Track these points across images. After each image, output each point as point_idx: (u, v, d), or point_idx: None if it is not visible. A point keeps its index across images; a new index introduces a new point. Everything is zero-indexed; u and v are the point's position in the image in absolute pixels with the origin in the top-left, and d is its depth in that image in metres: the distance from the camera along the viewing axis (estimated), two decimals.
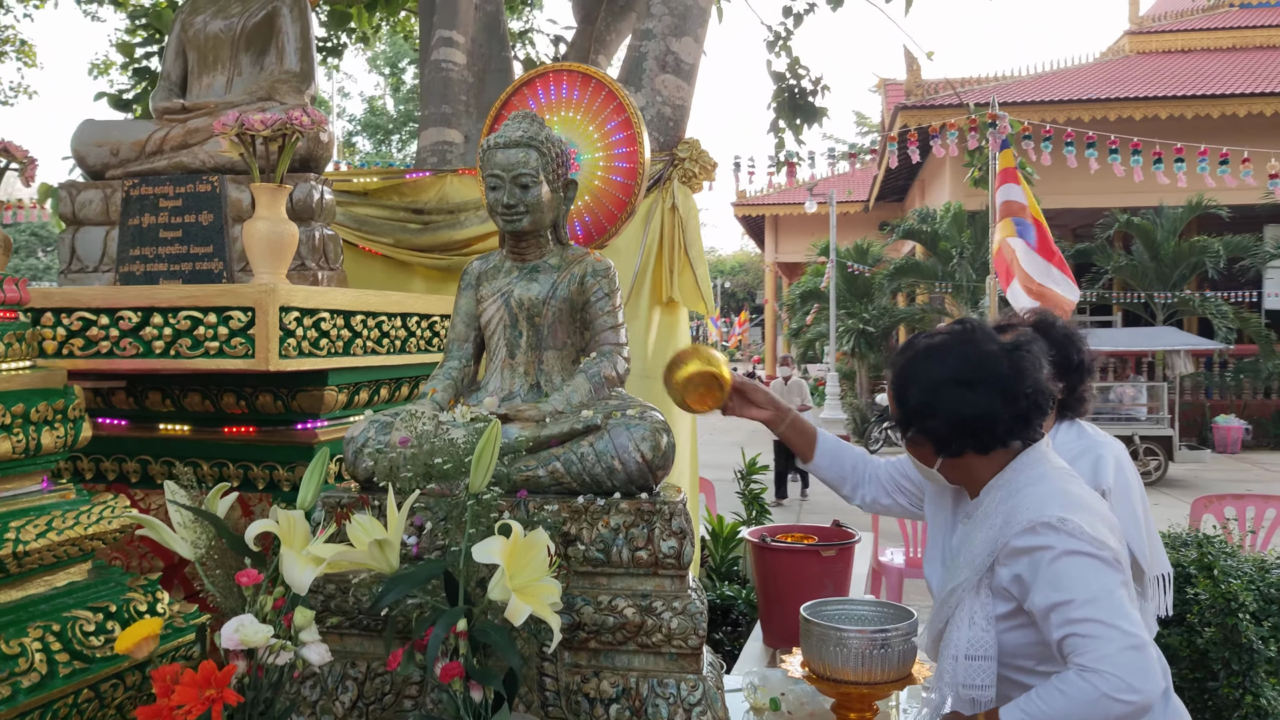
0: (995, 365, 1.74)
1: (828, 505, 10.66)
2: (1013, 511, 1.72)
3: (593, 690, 1.99)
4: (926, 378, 1.78)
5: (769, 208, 26.57)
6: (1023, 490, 1.74)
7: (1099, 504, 1.77)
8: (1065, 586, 1.62)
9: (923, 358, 1.81)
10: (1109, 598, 1.60)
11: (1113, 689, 1.53)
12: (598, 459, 2.04)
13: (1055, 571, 1.64)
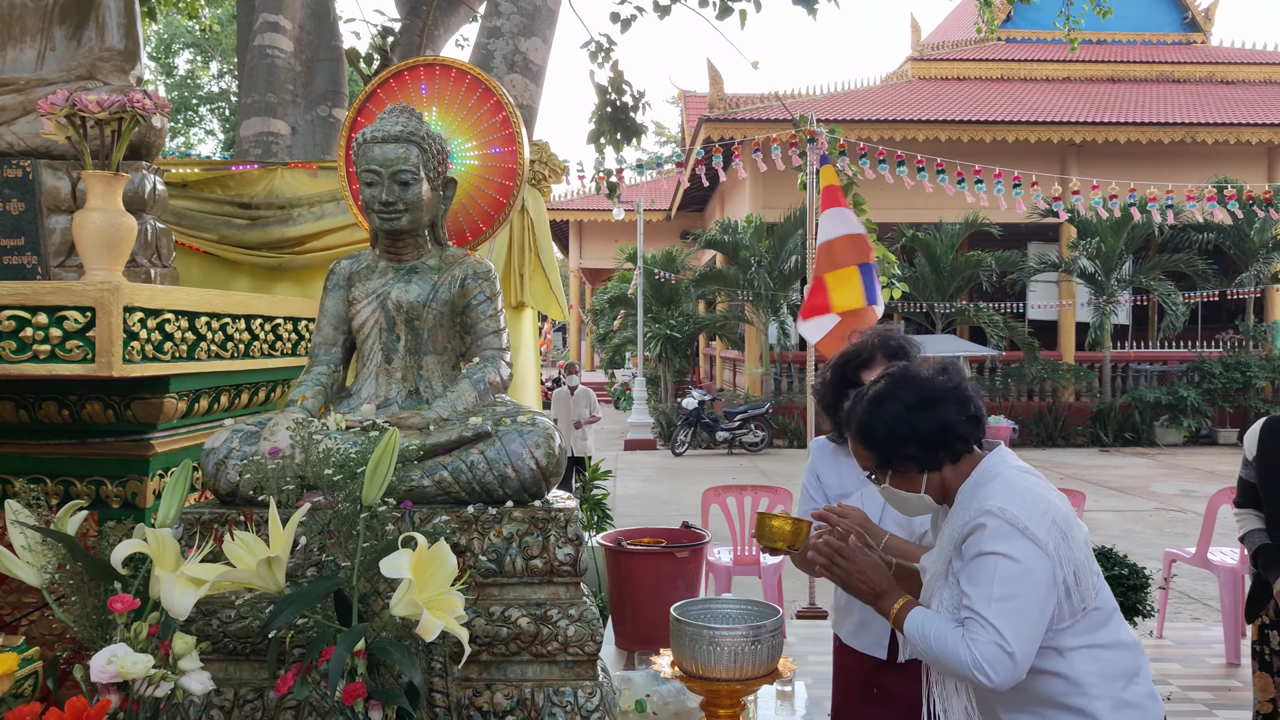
0: (938, 383, 1.93)
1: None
2: (970, 505, 1.88)
3: (485, 703, 1.94)
4: (888, 416, 1.92)
5: (575, 213, 26.72)
6: (983, 488, 1.89)
7: (1051, 498, 1.91)
8: (979, 582, 1.81)
9: (874, 404, 1.95)
10: (1007, 604, 1.78)
11: (973, 664, 1.78)
12: (489, 467, 1.99)
13: (978, 565, 1.81)
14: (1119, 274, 17.16)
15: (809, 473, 2.75)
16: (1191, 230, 17.41)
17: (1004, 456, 1.98)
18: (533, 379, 3.87)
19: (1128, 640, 1.96)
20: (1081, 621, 1.91)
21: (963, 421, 1.92)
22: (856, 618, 2.59)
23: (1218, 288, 17.32)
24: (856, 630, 2.60)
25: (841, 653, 2.70)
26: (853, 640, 2.62)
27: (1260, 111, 18.65)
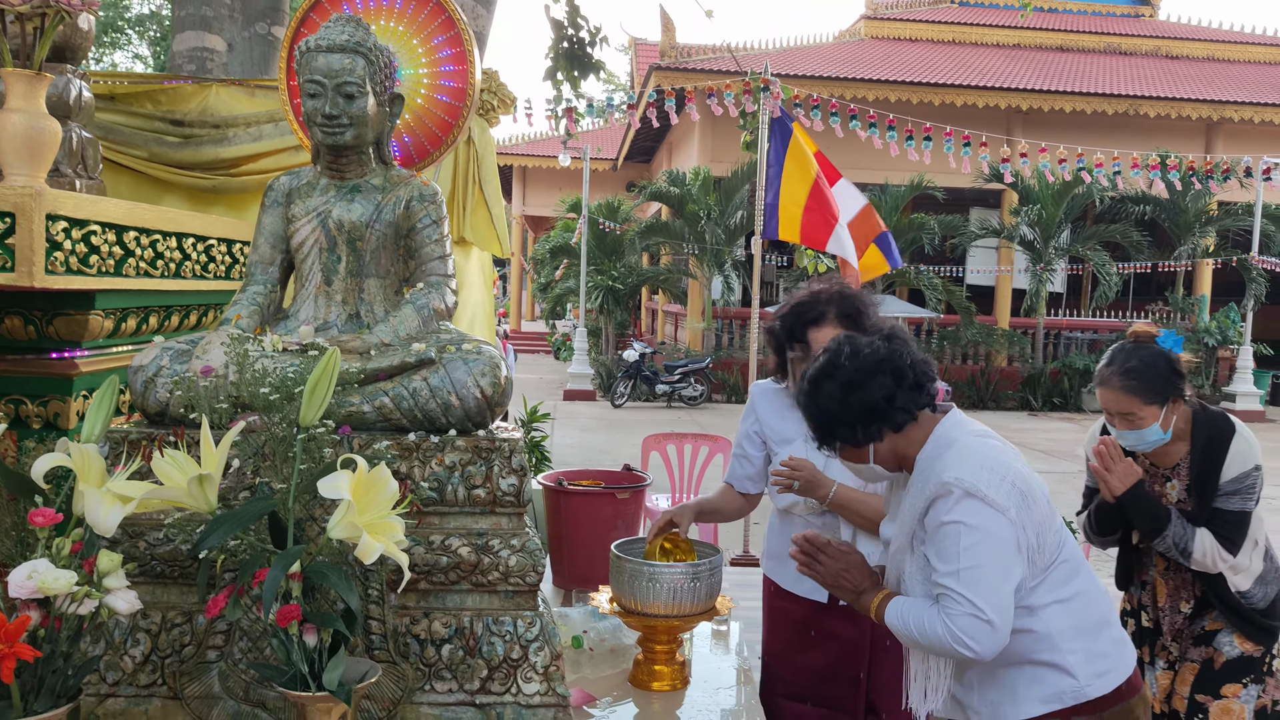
0: (873, 355, 1.94)
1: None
2: (930, 476, 1.90)
3: (423, 631, 1.91)
4: (823, 399, 1.94)
5: (518, 158, 26.31)
6: (941, 457, 1.91)
7: (1009, 460, 1.92)
8: (944, 555, 1.84)
9: (812, 386, 1.97)
10: (975, 571, 1.82)
11: (953, 639, 1.82)
12: (432, 394, 1.93)
13: (941, 536, 1.84)
14: (1057, 242, 17.46)
15: (748, 417, 2.74)
16: (1129, 202, 17.76)
17: (959, 421, 2.00)
18: (484, 318, 3.79)
19: (1095, 589, 2.00)
20: (1049, 577, 1.94)
21: (901, 392, 1.92)
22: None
23: (1151, 260, 17.71)
24: (797, 576, 2.59)
25: (777, 598, 2.73)
26: (794, 586, 2.64)
27: (1201, 87, 19.00)
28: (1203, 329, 18.09)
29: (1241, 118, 18.29)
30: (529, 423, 4.59)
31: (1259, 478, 2.62)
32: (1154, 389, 2.55)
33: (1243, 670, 2.72)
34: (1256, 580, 2.70)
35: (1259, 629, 2.72)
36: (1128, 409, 2.57)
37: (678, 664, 2.56)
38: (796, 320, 2.51)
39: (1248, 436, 2.64)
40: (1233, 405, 17.14)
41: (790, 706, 2.63)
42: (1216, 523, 2.61)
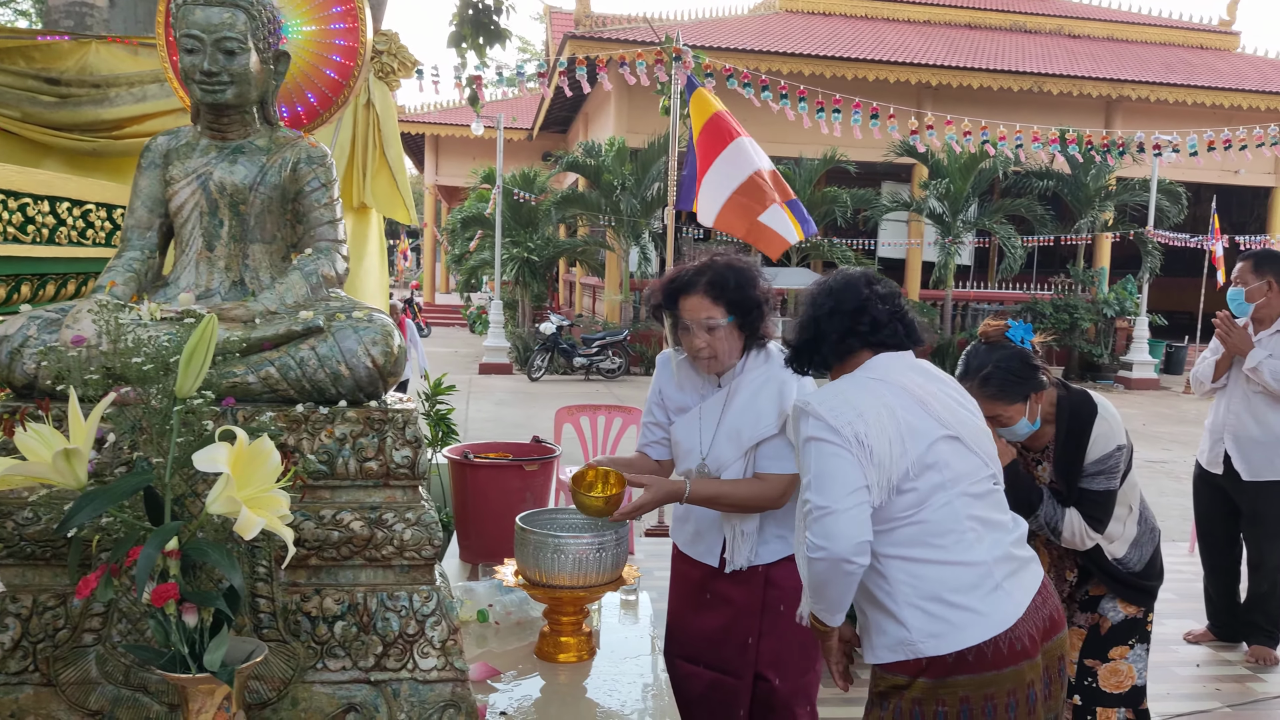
0: (839, 287, 2.18)
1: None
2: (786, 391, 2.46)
3: (314, 609, 1.84)
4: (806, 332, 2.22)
5: (430, 126, 25.81)
6: (824, 388, 2.12)
7: (866, 407, 2.00)
8: (804, 469, 2.02)
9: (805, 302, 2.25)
10: (821, 478, 1.97)
11: (809, 549, 1.94)
12: (321, 364, 1.86)
13: (801, 454, 2.04)
14: (965, 216, 17.85)
15: (654, 384, 2.78)
16: (1033, 177, 18.24)
17: (871, 366, 2.12)
18: (378, 288, 3.69)
19: (955, 564, 1.97)
20: (895, 533, 1.98)
21: (839, 319, 2.14)
22: (692, 527, 2.68)
23: (1053, 233, 18.24)
24: (692, 539, 2.68)
25: (678, 560, 2.76)
26: (689, 549, 2.68)
27: (1102, 66, 19.57)
28: (1102, 300, 18.74)
29: (1139, 96, 18.91)
30: (433, 395, 4.50)
31: (1121, 456, 2.71)
32: (1013, 391, 2.60)
33: (1127, 632, 2.84)
34: (1131, 545, 2.81)
35: (1138, 590, 2.84)
36: (993, 413, 2.56)
37: (584, 635, 2.54)
38: (669, 287, 2.57)
39: (1109, 418, 2.72)
40: (1130, 374, 17.84)
41: (684, 668, 2.66)
42: (1084, 503, 2.72)
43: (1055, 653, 2.06)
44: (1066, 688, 2.19)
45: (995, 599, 1.96)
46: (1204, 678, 4.48)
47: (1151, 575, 2.86)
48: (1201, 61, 21.56)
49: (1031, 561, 2.10)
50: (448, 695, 1.85)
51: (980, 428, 2.10)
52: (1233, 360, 4.64)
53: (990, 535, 2.02)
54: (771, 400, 2.54)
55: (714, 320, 2.48)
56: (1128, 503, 2.80)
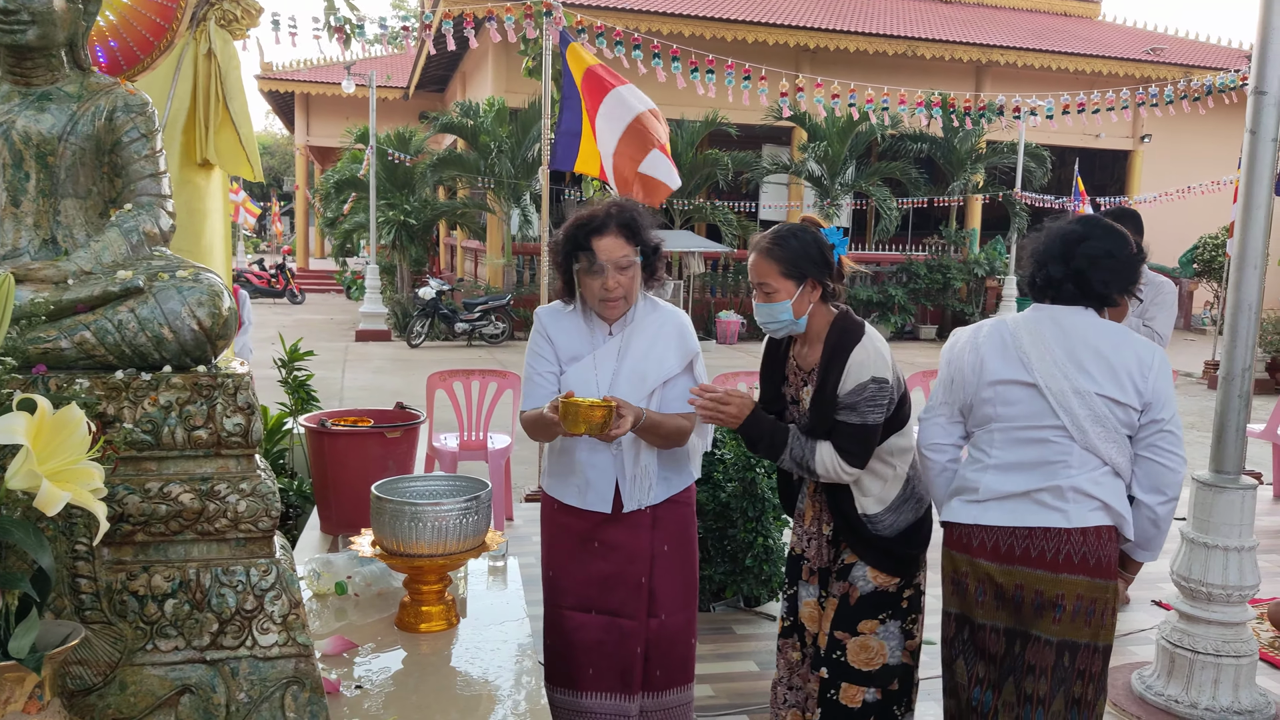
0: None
1: (392, 391, 10.48)
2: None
3: (142, 587, 1.73)
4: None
5: (300, 84, 24.84)
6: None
7: None
8: None
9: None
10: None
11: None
12: (141, 327, 1.73)
13: None
14: (842, 178, 18.19)
15: (537, 338, 2.78)
16: (908, 140, 18.71)
17: (1033, 309, 2.55)
18: (221, 250, 3.51)
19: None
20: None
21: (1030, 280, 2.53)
22: (581, 479, 2.72)
23: (927, 195, 18.77)
24: (581, 490, 2.73)
25: (559, 513, 2.80)
26: (577, 500, 2.74)
27: (972, 31, 20.12)
28: (973, 260, 19.41)
29: (1007, 61, 19.54)
30: (290, 362, 4.34)
31: (878, 393, 2.48)
32: (794, 263, 2.51)
33: (878, 605, 2.60)
34: (887, 508, 2.59)
35: (882, 555, 2.59)
36: (765, 277, 2.54)
37: (447, 603, 2.48)
38: (580, 230, 2.63)
39: (872, 349, 2.50)
40: None
41: (575, 617, 2.74)
42: (836, 435, 2.52)
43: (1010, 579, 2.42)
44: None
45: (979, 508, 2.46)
46: None
47: (909, 544, 2.62)
48: (1066, 28, 22.41)
49: (1030, 504, 2.42)
50: (290, 671, 1.77)
51: (1074, 389, 2.37)
52: None
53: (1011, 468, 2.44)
54: (671, 342, 2.71)
55: (629, 258, 2.61)
56: (893, 463, 2.59)
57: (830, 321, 2.59)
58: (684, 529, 2.81)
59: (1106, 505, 2.38)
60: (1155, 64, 20.26)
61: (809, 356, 2.65)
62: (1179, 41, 23.47)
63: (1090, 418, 2.35)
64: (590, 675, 2.71)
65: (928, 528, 2.70)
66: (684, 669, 2.83)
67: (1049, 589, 2.37)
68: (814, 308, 2.58)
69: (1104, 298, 2.45)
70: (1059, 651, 2.38)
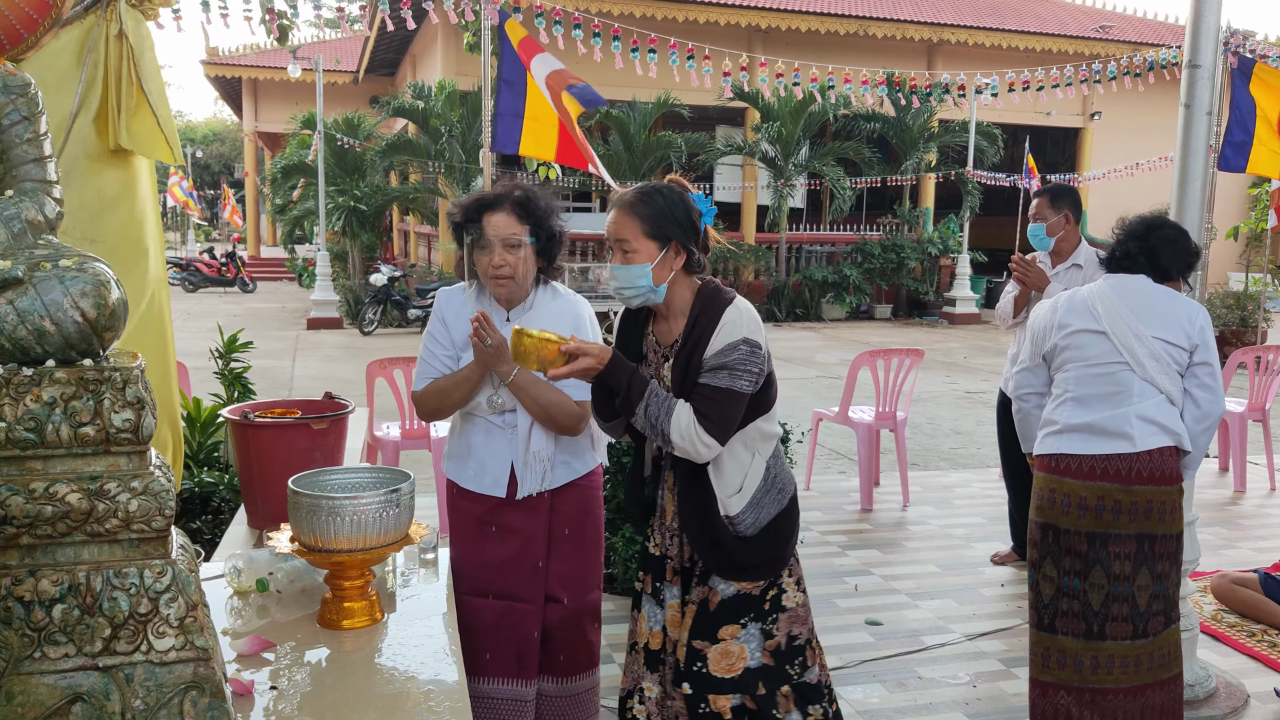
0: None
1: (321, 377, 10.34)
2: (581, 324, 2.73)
3: (28, 592, 1.65)
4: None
5: (247, 69, 24.38)
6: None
7: None
8: None
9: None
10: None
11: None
12: (21, 320, 1.65)
13: None
14: (796, 159, 18.20)
15: (434, 321, 2.77)
16: (861, 120, 18.74)
17: (1107, 279, 3.20)
18: (154, 242, 3.39)
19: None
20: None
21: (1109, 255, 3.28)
22: (476, 463, 2.72)
23: (881, 175, 18.83)
24: (476, 474, 2.73)
25: (459, 498, 2.79)
26: (474, 484, 2.74)
27: (924, 10, 20.18)
28: (927, 239, 19.54)
29: (959, 40, 19.62)
30: (227, 353, 4.23)
31: (750, 355, 2.32)
32: (658, 223, 2.33)
33: (740, 609, 2.45)
34: (750, 503, 2.41)
35: (746, 572, 2.44)
36: (624, 234, 2.35)
37: (371, 599, 2.42)
38: (475, 205, 2.63)
39: (745, 309, 2.38)
40: (954, 309, 18.71)
41: (473, 602, 2.72)
42: (698, 398, 2.32)
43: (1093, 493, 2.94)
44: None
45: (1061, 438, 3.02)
46: (1008, 596, 4.74)
47: (769, 544, 2.46)
48: (1017, 6, 22.54)
49: (1102, 435, 2.95)
50: (189, 676, 1.70)
51: (1134, 334, 2.96)
52: (1030, 296, 4.84)
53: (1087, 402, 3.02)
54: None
55: (518, 237, 2.58)
56: (757, 448, 2.43)
57: (695, 291, 2.41)
58: (586, 513, 2.80)
59: (1164, 427, 2.94)
60: (1105, 41, 20.45)
61: (669, 331, 2.46)
62: (1128, 19, 23.73)
63: (1148, 355, 2.95)
64: (487, 660, 2.72)
65: (792, 523, 2.51)
66: (588, 653, 2.85)
67: (1125, 498, 2.91)
68: (675, 276, 2.39)
69: (1166, 272, 3.08)
70: (1138, 541, 2.92)
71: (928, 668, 3.95)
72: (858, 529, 5.77)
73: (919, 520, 5.98)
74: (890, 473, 6.74)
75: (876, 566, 5.11)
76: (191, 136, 45.75)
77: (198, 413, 4.57)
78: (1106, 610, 2.94)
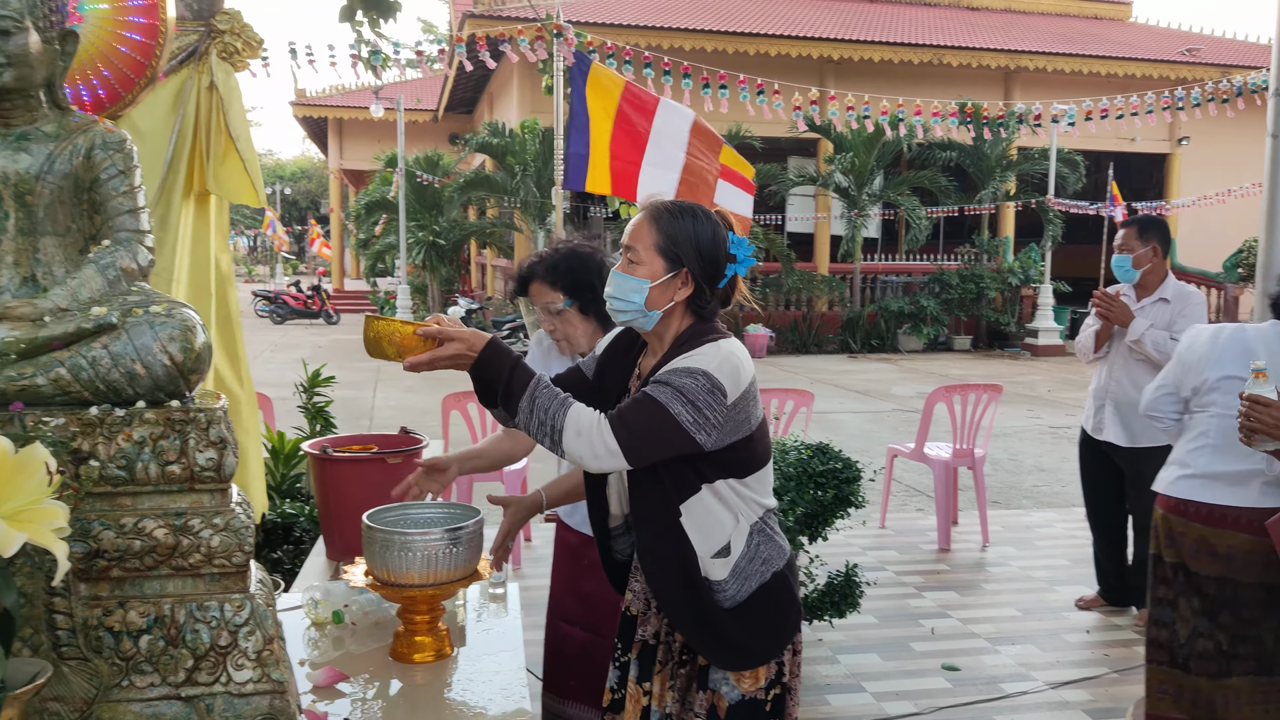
0: None
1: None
2: None
3: (118, 623, 1.74)
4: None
5: (332, 109, 25.21)
6: None
7: None
8: None
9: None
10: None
11: None
12: (114, 363, 1.74)
13: None
14: (870, 189, 18.07)
15: (531, 362, 2.86)
16: (936, 149, 18.54)
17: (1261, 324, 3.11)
18: (228, 277, 3.53)
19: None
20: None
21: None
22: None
23: (958, 204, 18.58)
24: (570, 510, 2.87)
25: (560, 528, 2.96)
26: (569, 517, 2.89)
27: (1000, 37, 19.95)
28: (1007, 269, 19.18)
29: (1036, 66, 19.35)
30: (311, 388, 4.37)
31: (702, 388, 1.93)
32: (675, 242, 2.04)
33: (748, 717, 2.07)
34: (733, 572, 2.04)
35: (727, 650, 2.05)
36: (637, 241, 2.07)
37: (440, 634, 2.46)
38: (518, 279, 2.79)
39: (725, 351, 2.00)
40: (1036, 340, 18.30)
41: (563, 628, 2.88)
42: (624, 404, 2.01)
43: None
44: None
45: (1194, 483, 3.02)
46: (1093, 643, 4.59)
47: (756, 621, 2.06)
48: (1096, 32, 22.16)
49: (1236, 485, 2.94)
50: (265, 708, 1.76)
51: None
52: (1113, 330, 4.72)
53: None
54: None
55: (555, 304, 2.69)
56: (735, 509, 2.06)
57: (687, 326, 2.09)
58: None
59: None
60: (1191, 65, 19.95)
61: (652, 367, 2.12)
62: (1216, 41, 23.10)
63: None
64: (572, 685, 2.83)
65: (783, 601, 2.11)
66: None
67: (1254, 548, 2.87)
68: (675, 308, 2.06)
69: None
70: (1267, 590, 2.89)
71: (1008, 717, 3.84)
72: (934, 569, 5.65)
73: (999, 561, 5.83)
74: (969, 511, 6.60)
75: (954, 609, 5.00)
76: (280, 174, 47.34)
77: (281, 445, 4.71)
78: (1235, 650, 2.96)
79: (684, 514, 2.03)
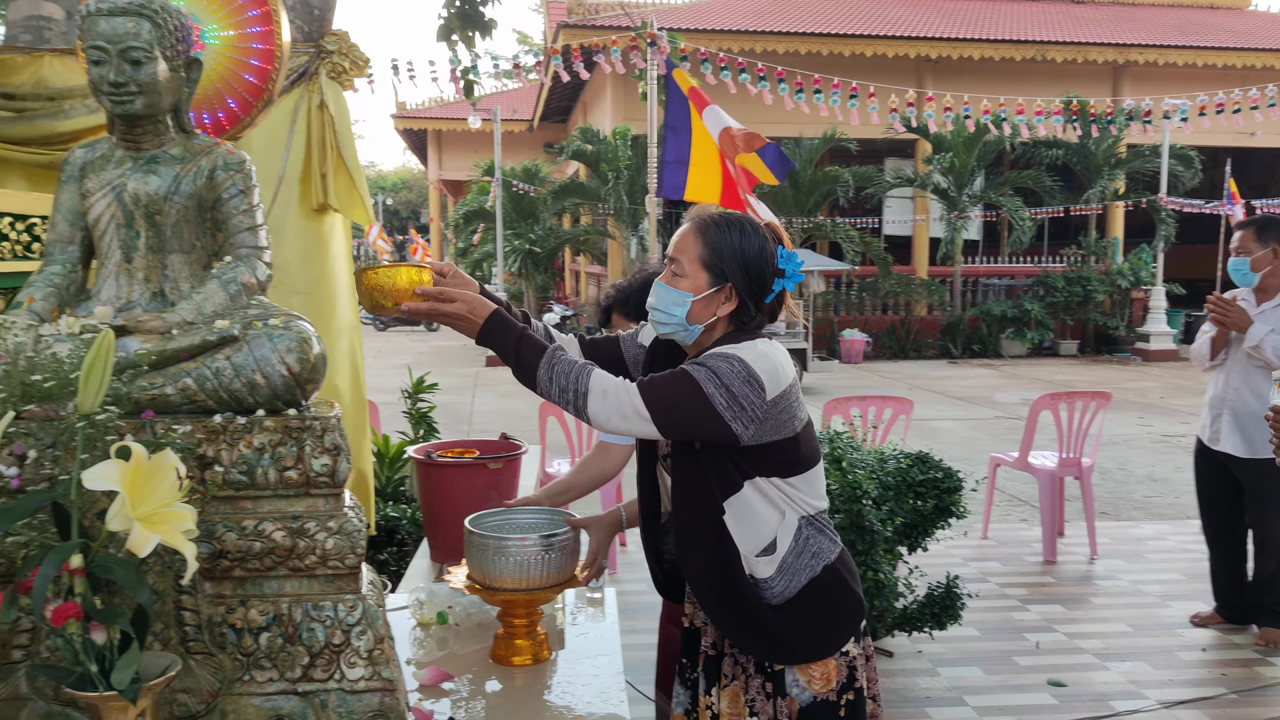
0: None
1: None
2: None
3: (240, 620, 1.83)
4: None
5: (431, 121, 25.84)
6: None
7: None
8: None
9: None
10: None
11: None
12: (236, 373, 1.84)
13: None
14: (970, 190, 17.67)
15: None
16: (1041, 147, 18.02)
17: None
18: (346, 291, 3.67)
19: None
20: None
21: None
22: None
23: (1063, 204, 18.03)
24: None
25: None
26: None
27: (1107, 31, 19.28)
28: (1115, 271, 18.52)
29: (1146, 60, 18.64)
30: (415, 394, 4.50)
31: (737, 372, 1.90)
32: (721, 255, 2.01)
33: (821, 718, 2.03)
34: (779, 569, 2.00)
35: (777, 646, 2.02)
36: (682, 254, 2.04)
37: (539, 637, 2.51)
38: (603, 310, 2.97)
39: (762, 348, 1.98)
40: (1147, 345, 17.62)
41: (670, 630, 2.92)
42: (660, 374, 2.00)
43: None
44: None
45: None
46: (1210, 662, 4.40)
47: (808, 617, 2.02)
48: (1212, 21, 21.24)
49: None
50: (376, 705, 1.83)
51: None
52: (1230, 336, 4.54)
53: None
54: None
55: None
56: (780, 507, 2.02)
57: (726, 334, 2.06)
58: None
59: None
60: None
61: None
62: None
63: None
64: None
65: (839, 595, 2.06)
66: None
67: None
68: (717, 323, 2.04)
69: None
70: None
71: None
72: (1039, 582, 5.51)
73: (1108, 575, 5.65)
74: (1076, 522, 6.40)
75: (1060, 623, 4.86)
76: (382, 185, 48.65)
77: (386, 449, 4.86)
78: None
79: (728, 511, 1.99)
